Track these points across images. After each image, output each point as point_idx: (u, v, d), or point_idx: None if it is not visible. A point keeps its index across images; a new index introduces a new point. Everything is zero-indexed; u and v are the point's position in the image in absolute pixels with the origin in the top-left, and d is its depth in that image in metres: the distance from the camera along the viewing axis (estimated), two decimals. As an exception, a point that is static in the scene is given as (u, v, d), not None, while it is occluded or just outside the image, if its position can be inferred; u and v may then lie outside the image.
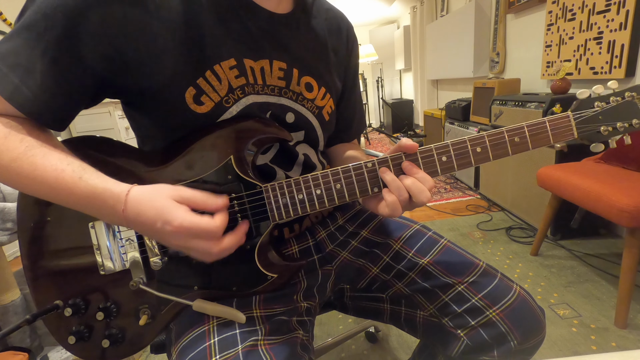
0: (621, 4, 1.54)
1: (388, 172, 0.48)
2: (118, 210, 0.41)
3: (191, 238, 0.41)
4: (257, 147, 0.51)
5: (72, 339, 0.48)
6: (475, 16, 2.81)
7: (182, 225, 0.40)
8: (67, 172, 0.40)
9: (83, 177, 0.41)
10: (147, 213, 0.40)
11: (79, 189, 0.40)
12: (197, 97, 0.47)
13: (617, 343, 1.11)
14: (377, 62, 5.72)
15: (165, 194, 0.42)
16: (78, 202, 0.41)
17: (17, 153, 0.40)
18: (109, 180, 0.42)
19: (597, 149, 0.51)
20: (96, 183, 0.41)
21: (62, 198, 0.41)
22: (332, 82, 0.60)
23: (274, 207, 0.49)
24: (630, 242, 1.12)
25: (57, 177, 0.40)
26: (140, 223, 0.41)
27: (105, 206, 0.41)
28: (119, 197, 0.41)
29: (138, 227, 0.43)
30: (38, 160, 0.40)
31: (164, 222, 0.40)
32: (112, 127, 2.98)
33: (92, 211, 0.42)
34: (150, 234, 0.44)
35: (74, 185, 0.40)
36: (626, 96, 0.49)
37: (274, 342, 0.47)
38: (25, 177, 0.40)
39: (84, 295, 0.49)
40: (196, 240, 0.41)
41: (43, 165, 0.40)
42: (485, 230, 1.95)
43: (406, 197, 0.47)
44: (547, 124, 0.49)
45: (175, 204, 0.41)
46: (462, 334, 0.55)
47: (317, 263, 0.62)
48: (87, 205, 0.41)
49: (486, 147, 0.49)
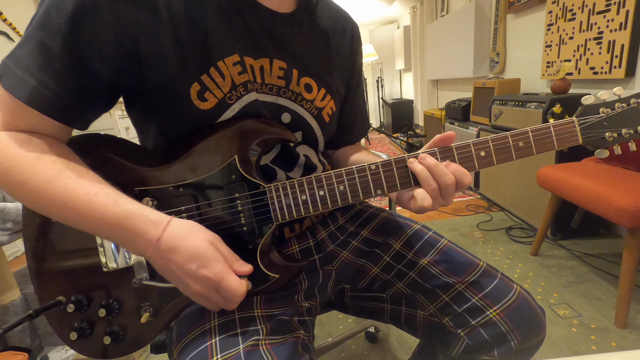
0: (621, 4, 1.54)
1: (430, 157, 0.47)
2: (151, 238, 0.40)
3: (214, 291, 0.42)
4: (261, 148, 0.51)
5: (73, 335, 0.48)
6: (475, 16, 2.81)
7: (217, 276, 0.41)
8: (100, 195, 0.40)
9: (118, 201, 0.40)
10: (184, 250, 0.40)
11: (112, 213, 0.39)
12: (201, 93, 0.47)
13: (617, 343, 1.11)
14: (377, 62, 5.72)
15: (205, 236, 0.42)
16: (108, 226, 0.40)
17: (50, 175, 0.39)
18: (145, 207, 0.41)
19: (602, 155, 0.50)
20: (132, 208, 0.40)
21: (91, 223, 0.40)
22: (334, 83, 0.60)
23: (277, 207, 0.49)
24: (630, 242, 1.13)
25: (89, 200, 0.39)
26: (171, 258, 0.40)
27: (137, 232, 0.40)
28: (157, 224, 0.40)
29: (164, 261, 0.41)
30: (71, 183, 0.40)
31: (200, 265, 0.40)
32: (112, 127, 2.98)
33: (119, 237, 0.41)
34: (174, 272, 0.41)
35: (106, 208, 0.39)
36: (631, 103, 0.49)
37: (275, 341, 0.47)
38: (57, 200, 0.39)
39: (87, 292, 0.49)
40: (216, 295, 0.42)
41: (76, 189, 0.39)
42: (485, 230, 1.95)
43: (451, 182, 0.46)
44: (552, 129, 0.49)
45: (215, 251, 0.42)
46: (462, 333, 0.55)
47: (317, 263, 0.63)
48: (117, 231, 0.40)
49: (490, 151, 0.49)
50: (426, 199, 0.47)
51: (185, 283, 0.42)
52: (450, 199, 0.49)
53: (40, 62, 0.40)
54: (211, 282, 0.41)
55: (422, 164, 0.47)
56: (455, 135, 0.49)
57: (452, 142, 0.49)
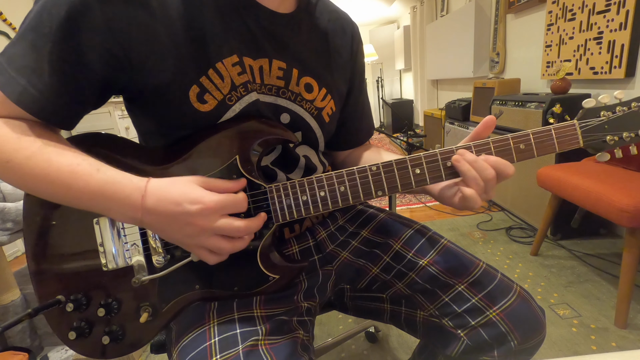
0: (621, 4, 1.54)
1: (468, 153, 0.47)
2: (136, 200, 0.40)
3: (219, 215, 0.41)
4: (262, 148, 0.51)
5: (72, 334, 0.48)
6: (475, 16, 2.81)
7: (212, 200, 0.40)
8: (83, 165, 0.40)
9: (100, 169, 0.41)
10: (170, 196, 0.40)
11: (95, 181, 0.40)
12: (201, 95, 0.47)
13: (617, 343, 1.11)
14: (377, 62, 5.73)
15: (187, 179, 0.42)
16: (92, 195, 0.40)
17: (32, 151, 0.40)
18: (127, 173, 0.42)
19: (603, 158, 0.50)
20: (114, 174, 0.41)
21: (74, 193, 0.40)
22: (334, 83, 0.60)
23: (277, 207, 0.49)
24: (630, 242, 1.13)
25: (72, 171, 0.40)
26: (161, 209, 0.40)
27: (121, 196, 0.40)
28: (138, 185, 0.40)
29: (156, 216, 0.40)
30: (53, 157, 0.40)
31: (191, 202, 0.40)
32: (112, 127, 2.98)
33: (105, 204, 0.41)
34: (169, 221, 0.41)
35: (89, 177, 0.40)
36: (632, 106, 0.49)
37: (274, 342, 0.47)
38: (39, 174, 0.40)
39: (86, 291, 0.49)
40: (224, 218, 0.41)
41: (57, 162, 0.40)
42: (485, 230, 1.95)
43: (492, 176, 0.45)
44: (553, 132, 0.48)
45: (198, 186, 0.42)
46: (462, 334, 0.55)
47: (317, 263, 0.63)
48: (102, 198, 0.40)
49: (491, 153, 0.48)
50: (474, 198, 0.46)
51: (182, 226, 0.41)
52: (492, 192, 0.48)
53: (31, 63, 0.40)
54: (210, 209, 0.40)
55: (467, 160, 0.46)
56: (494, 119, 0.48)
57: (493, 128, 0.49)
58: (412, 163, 0.49)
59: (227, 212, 0.42)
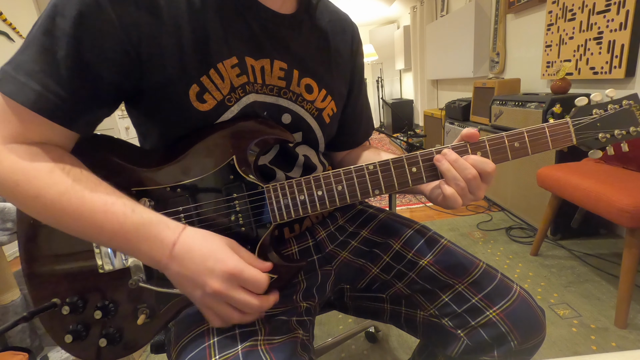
0: (621, 4, 1.54)
1: (451, 153, 0.48)
2: (167, 244, 0.40)
3: (237, 286, 0.41)
4: (259, 148, 0.50)
5: (68, 337, 0.48)
6: (475, 16, 2.81)
7: (236, 267, 0.40)
8: (117, 205, 0.40)
9: (135, 210, 0.40)
10: (200, 249, 0.40)
11: (130, 221, 0.39)
12: (201, 95, 0.47)
13: (617, 343, 1.11)
14: (377, 62, 5.73)
15: (220, 238, 0.43)
16: (125, 236, 0.40)
17: (65, 187, 0.39)
18: (163, 216, 0.42)
19: (595, 156, 0.51)
20: (151, 216, 0.41)
21: (107, 234, 0.40)
22: (335, 84, 0.60)
23: (275, 207, 0.49)
24: (630, 242, 1.12)
25: (106, 211, 0.39)
26: (187, 259, 0.40)
27: (155, 239, 0.40)
28: (173, 231, 0.40)
29: (179, 266, 0.40)
30: (87, 194, 0.39)
31: (216, 260, 0.40)
32: (112, 127, 2.98)
33: (135, 246, 0.40)
34: (190, 274, 0.41)
35: (124, 217, 0.39)
36: (624, 104, 0.50)
37: (273, 342, 0.47)
38: (72, 212, 0.39)
39: (82, 294, 0.48)
40: (240, 290, 0.41)
41: (92, 199, 0.39)
42: (485, 230, 1.95)
43: (472, 175, 0.46)
44: (547, 130, 0.49)
45: (230, 249, 0.42)
46: (462, 334, 0.55)
47: (316, 263, 0.62)
48: (135, 240, 0.40)
49: (487, 151, 0.49)
50: (454, 197, 0.47)
51: (201, 284, 0.40)
52: (479, 192, 0.48)
53: (45, 66, 0.39)
54: (231, 276, 0.40)
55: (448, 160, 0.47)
56: (478, 134, 0.49)
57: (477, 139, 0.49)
58: (408, 162, 0.49)
59: (246, 285, 0.42)
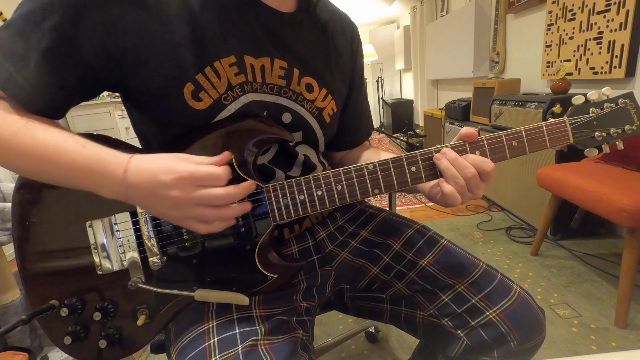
0: (621, 4, 1.54)
1: (451, 152, 0.48)
2: (119, 174, 0.40)
3: (196, 186, 0.40)
4: (258, 148, 0.50)
5: (68, 339, 0.48)
6: (475, 16, 2.81)
7: (186, 169, 0.39)
8: (69, 142, 0.41)
9: (86, 146, 0.41)
10: (149, 169, 0.40)
11: (81, 157, 0.40)
12: (196, 93, 0.47)
13: (617, 343, 1.11)
14: (377, 62, 5.72)
15: (169, 154, 0.42)
16: (79, 171, 0.40)
17: (18, 127, 0.40)
18: (113, 149, 0.42)
19: (591, 154, 0.52)
20: (100, 150, 0.41)
21: (61, 170, 0.40)
22: (335, 83, 0.60)
23: (274, 207, 0.49)
24: (630, 242, 1.12)
25: (58, 147, 0.40)
26: (140, 182, 0.40)
27: (106, 171, 0.40)
28: (122, 160, 0.41)
29: (138, 191, 0.40)
30: (39, 133, 0.41)
31: (167, 172, 0.39)
32: (112, 127, 2.98)
33: (93, 181, 0.41)
34: (150, 193, 0.40)
35: (75, 153, 0.40)
36: (619, 103, 0.50)
37: (273, 342, 0.47)
38: (25, 150, 0.40)
39: (81, 295, 0.48)
40: (202, 189, 0.40)
41: (44, 138, 0.40)
42: (485, 230, 1.95)
43: (472, 174, 0.46)
44: (544, 128, 0.50)
45: (176, 158, 0.42)
46: (462, 334, 0.55)
47: (316, 263, 0.62)
48: (89, 174, 0.40)
49: (485, 150, 0.49)
50: (453, 195, 0.47)
51: (163, 200, 0.40)
52: (478, 191, 0.48)
53: (19, 50, 0.41)
54: (186, 180, 0.39)
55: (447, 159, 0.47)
56: (477, 134, 0.49)
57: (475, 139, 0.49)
58: (407, 161, 0.49)
59: (203, 183, 0.40)
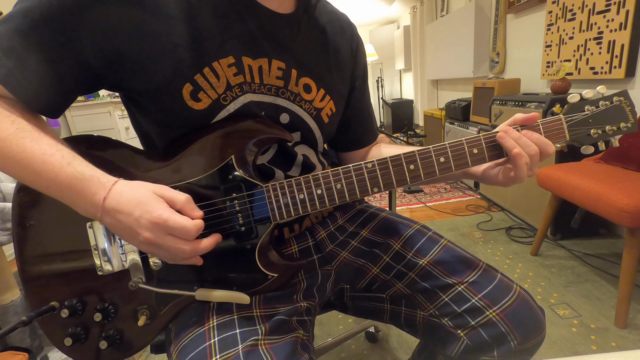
0: (621, 4, 1.54)
1: (512, 130, 0.49)
2: (98, 199, 0.40)
3: (165, 233, 0.41)
4: (258, 147, 0.50)
5: (68, 340, 0.48)
6: (475, 16, 2.81)
7: (161, 216, 0.40)
8: (55, 156, 0.41)
9: (72, 163, 0.41)
10: (127, 203, 0.40)
11: (65, 174, 0.40)
12: (194, 93, 0.47)
13: (617, 343, 1.11)
14: (377, 62, 5.72)
15: (148, 188, 0.42)
16: (60, 187, 0.40)
17: (8, 133, 0.40)
18: (97, 170, 0.42)
19: (587, 152, 0.52)
20: (84, 170, 0.41)
21: (44, 182, 0.41)
22: (334, 84, 0.60)
23: (274, 206, 0.49)
24: (630, 242, 1.12)
25: (44, 161, 0.40)
26: (117, 212, 0.40)
27: (86, 193, 0.40)
28: (104, 186, 0.41)
29: (112, 219, 0.41)
30: (27, 142, 0.40)
31: (142, 212, 0.40)
32: (112, 127, 2.98)
33: (71, 198, 0.41)
34: (123, 226, 0.41)
35: (60, 169, 0.40)
36: (614, 101, 0.51)
37: (274, 341, 0.47)
38: (12, 158, 0.40)
39: (81, 296, 0.48)
40: (169, 237, 0.41)
41: (32, 149, 0.40)
42: (485, 230, 1.95)
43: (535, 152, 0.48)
44: (541, 126, 0.50)
45: (157, 198, 0.42)
46: (462, 334, 0.55)
47: (316, 263, 0.62)
48: (68, 192, 0.41)
49: (482, 148, 0.50)
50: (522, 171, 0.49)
51: (134, 235, 0.41)
52: (536, 169, 0.50)
53: (18, 46, 0.41)
54: (158, 225, 0.40)
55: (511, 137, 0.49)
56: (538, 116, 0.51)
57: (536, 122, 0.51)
58: (406, 160, 0.50)
59: (173, 233, 0.41)
